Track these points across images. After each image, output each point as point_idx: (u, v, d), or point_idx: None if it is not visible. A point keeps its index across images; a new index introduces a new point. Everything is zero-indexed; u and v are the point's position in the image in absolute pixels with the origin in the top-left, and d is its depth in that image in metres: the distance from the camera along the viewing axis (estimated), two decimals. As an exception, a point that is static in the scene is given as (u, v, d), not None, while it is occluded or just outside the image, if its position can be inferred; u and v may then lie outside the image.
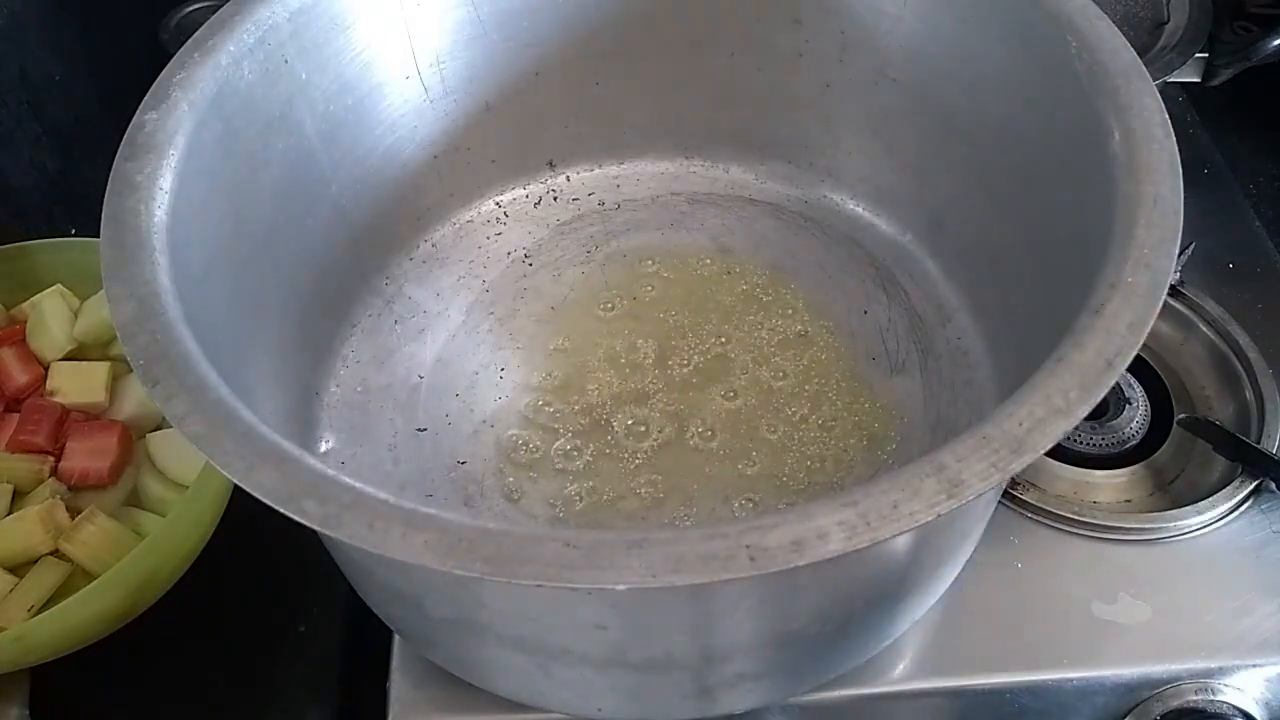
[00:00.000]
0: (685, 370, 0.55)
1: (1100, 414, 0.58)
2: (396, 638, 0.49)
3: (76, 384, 0.55)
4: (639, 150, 0.64)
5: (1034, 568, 0.52)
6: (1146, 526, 0.52)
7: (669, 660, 0.40)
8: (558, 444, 0.52)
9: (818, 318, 0.57)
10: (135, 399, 0.55)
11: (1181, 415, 0.58)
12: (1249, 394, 0.58)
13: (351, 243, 0.56)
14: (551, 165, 0.64)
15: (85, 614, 0.47)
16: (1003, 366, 0.53)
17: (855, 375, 0.55)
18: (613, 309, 0.58)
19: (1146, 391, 0.59)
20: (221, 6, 0.48)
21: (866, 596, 0.41)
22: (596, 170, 0.65)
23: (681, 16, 0.59)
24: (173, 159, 0.42)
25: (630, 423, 0.53)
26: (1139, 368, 0.60)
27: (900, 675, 0.48)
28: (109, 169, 0.42)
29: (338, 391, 0.55)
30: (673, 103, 0.62)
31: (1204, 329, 0.61)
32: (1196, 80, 0.70)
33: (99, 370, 0.55)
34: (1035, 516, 0.53)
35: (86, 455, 0.53)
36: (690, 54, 0.60)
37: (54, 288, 0.58)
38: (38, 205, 0.68)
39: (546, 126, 0.62)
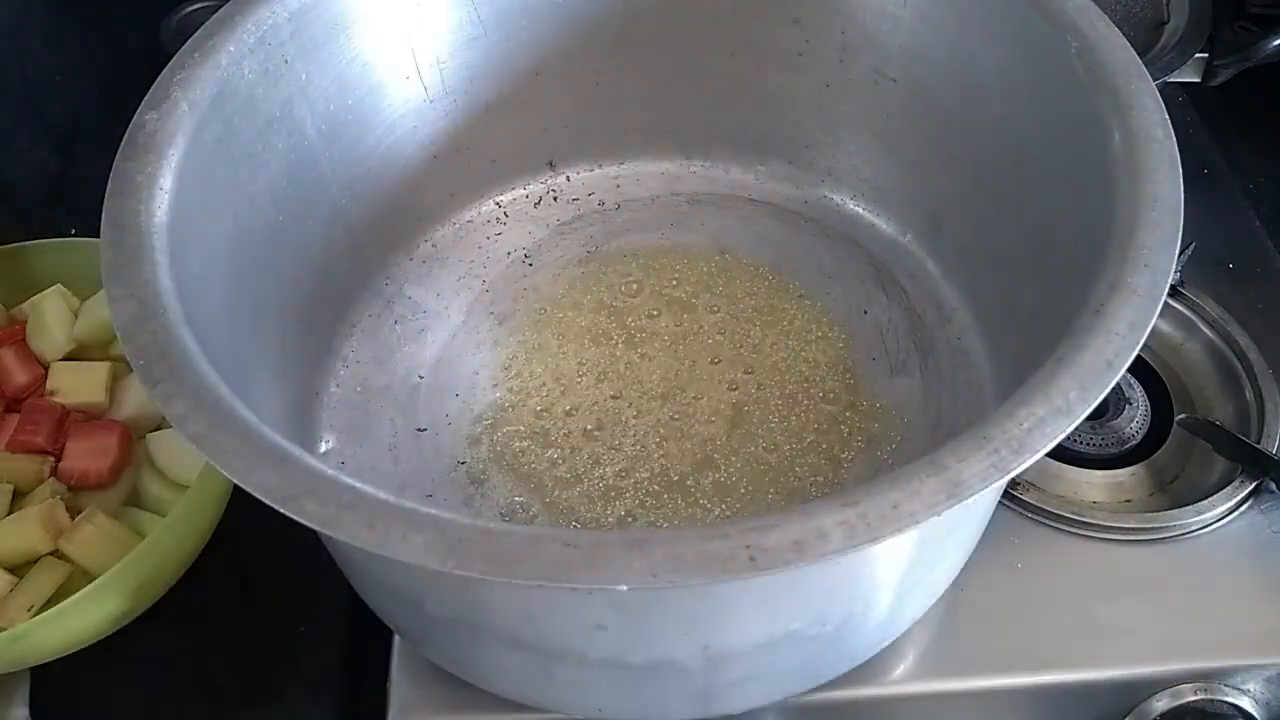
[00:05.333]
0: (685, 370, 0.55)
1: (1100, 414, 0.58)
2: (396, 638, 0.49)
3: (76, 384, 0.55)
4: (639, 150, 0.64)
5: (1034, 568, 0.52)
6: (1146, 526, 0.52)
7: (669, 660, 0.40)
8: (558, 444, 0.52)
9: (817, 318, 0.57)
10: (135, 399, 0.55)
11: (1181, 415, 0.58)
12: (1249, 394, 0.58)
13: (351, 243, 0.56)
14: (551, 165, 0.64)
15: (85, 614, 0.47)
16: (1003, 366, 0.53)
17: (855, 375, 0.55)
18: (613, 309, 0.58)
19: (1146, 391, 0.59)
20: (221, 6, 0.48)
21: (866, 596, 0.41)
22: (596, 170, 0.65)
23: (681, 16, 0.59)
24: (173, 159, 0.42)
25: (629, 423, 0.53)
26: (1139, 368, 0.60)
27: (900, 675, 0.48)
28: (109, 169, 0.42)
29: (338, 391, 0.55)
30: (673, 103, 0.62)
31: (1204, 329, 0.61)
32: (1196, 80, 0.70)
33: (99, 370, 0.55)
34: (1035, 516, 0.53)
35: (86, 455, 0.53)
36: (690, 54, 0.60)
37: (54, 288, 0.58)
38: (38, 205, 0.68)
39: (546, 126, 0.62)
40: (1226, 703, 0.49)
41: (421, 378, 0.56)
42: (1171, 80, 0.67)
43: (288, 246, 0.51)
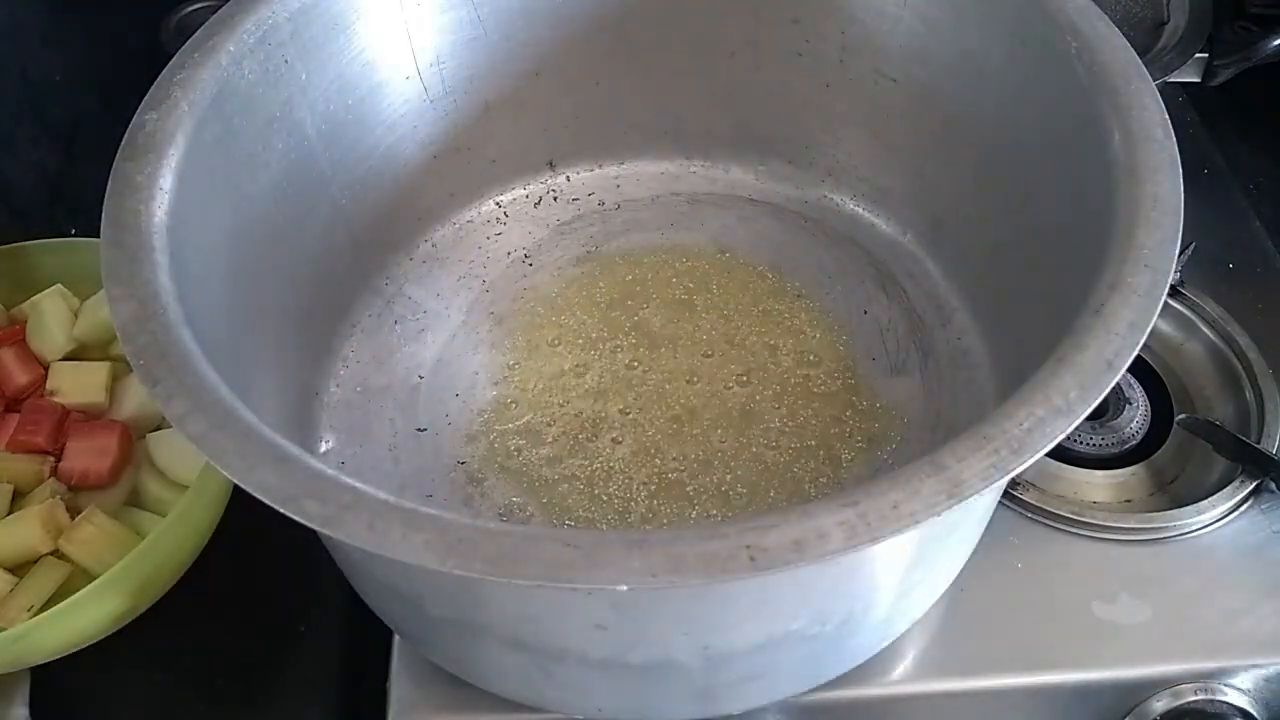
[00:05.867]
0: (685, 370, 0.55)
1: (1100, 414, 0.58)
2: (396, 638, 0.49)
3: (76, 384, 0.55)
4: (639, 150, 0.64)
5: (1034, 568, 0.52)
6: (1146, 526, 0.52)
7: (669, 660, 0.40)
8: (558, 444, 0.52)
9: (817, 318, 0.57)
10: (135, 399, 0.55)
11: (1181, 415, 0.58)
12: (1249, 394, 0.58)
13: (351, 243, 0.56)
14: (551, 165, 0.64)
15: (85, 614, 0.47)
16: (1003, 366, 0.53)
17: (855, 375, 0.55)
18: (612, 310, 0.58)
19: (1146, 391, 0.59)
20: (221, 6, 0.48)
21: (866, 596, 0.41)
22: (596, 170, 0.65)
23: (681, 16, 0.59)
24: (173, 159, 0.42)
25: (629, 423, 0.53)
26: (1139, 368, 0.60)
27: (900, 675, 0.48)
28: (109, 169, 0.42)
29: (338, 391, 0.55)
30: (673, 103, 0.62)
31: (1204, 329, 0.61)
32: (1196, 80, 0.70)
33: (99, 370, 0.55)
34: (1035, 516, 0.53)
35: (86, 455, 0.53)
36: (690, 54, 0.60)
37: (54, 288, 0.58)
38: (38, 205, 0.68)
39: (546, 126, 0.62)
40: (1226, 703, 0.49)
41: (421, 378, 0.56)
42: (1171, 80, 0.67)
43: (288, 246, 0.51)
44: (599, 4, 0.58)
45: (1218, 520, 0.53)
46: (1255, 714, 0.49)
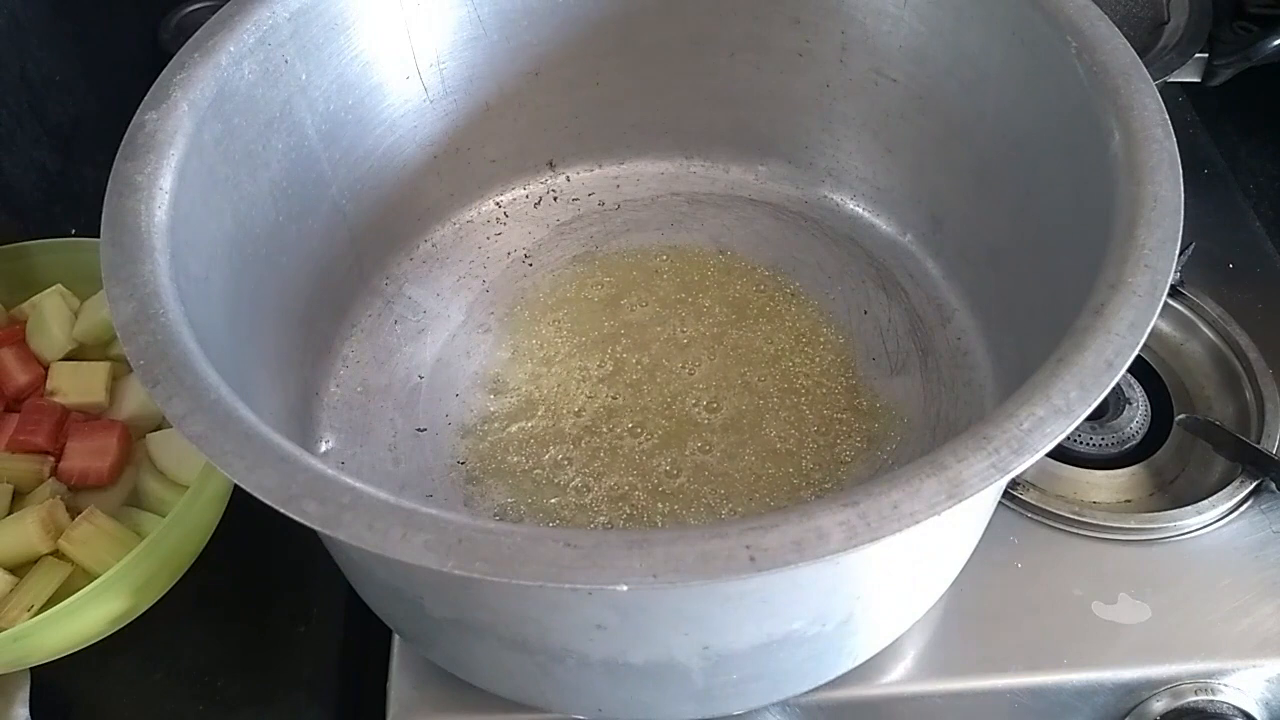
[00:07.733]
0: (685, 370, 0.55)
1: (1100, 414, 0.58)
2: (396, 638, 0.49)
3: (76, 384, 0.55)
4: (639, 150, 0.64)
5: (1034, 568, 0.52)
6: (1146, 526, 0.52)
7: (669, 660, 0.40)
8: (557, 444, 0.52)
9: (818, 318, 0.57)
10: (135, 399, 0.55)
11: (1181, 415, 0.58)
12: (1249, 394, 0.58)
13: (351, 243, 0.56)
14: (551, 165, 0.64)
15: (85, 614, 0.47)
16: (1003, 366, 0.53)
17: (855, 375, 0.55)
18: (611, 310, 0.58)
19: (1146, 391, 0.59)
20: (221, 6, 0.48)
21: (866, 596, 0.41)
22: (596, 170, 0.65)
23: (681, 16, 0.59)
24: (173, 159, 0.42)
25: (630, 424, 0.53)
26: (1139, 368, 0.60)
27: (900, 675, 0.48)
28: (109, 169, 0.42)
29: (338, 391, 0.55)
30: (673, 103, 0.62)
31: (1204, 329, 0.61)
32: (1196, 80, 0.70)
33: (99, 370, 0.55)
34: (1035, 516, 0.53)
35: (86, 455, 0.53)
36: (690, 54, 0.60)
37: (54, 288, 0.58)
38: (38, 205, 0.68)
39: (546, 126, 0.62)
40: (1226, 703, 0.49)
41: (421, 378, 0.56)
42: (1171, 80, 0.67)
43: (288, 246, 0.51)
44: (599, 4, 0.58)
45: (1218, 520, 0.53)
46: (1255, 714, 0.49)
